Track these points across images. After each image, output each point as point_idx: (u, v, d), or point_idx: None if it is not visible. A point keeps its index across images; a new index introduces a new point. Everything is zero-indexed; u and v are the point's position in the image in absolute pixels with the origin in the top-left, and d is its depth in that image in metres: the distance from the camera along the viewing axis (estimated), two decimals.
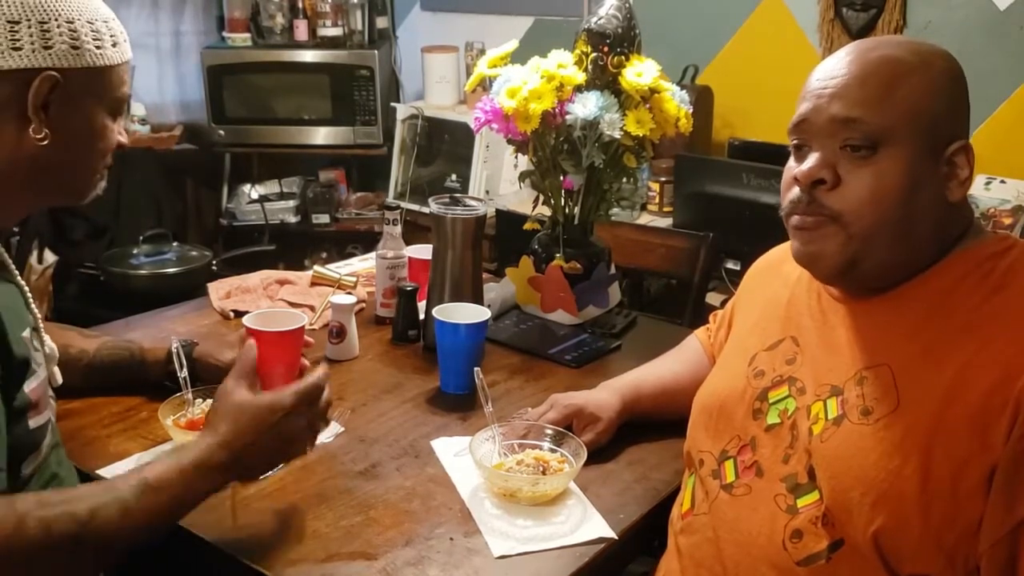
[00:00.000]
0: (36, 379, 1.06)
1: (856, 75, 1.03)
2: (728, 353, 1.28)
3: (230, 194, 3.78)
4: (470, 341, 1.55)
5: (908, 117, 1.02)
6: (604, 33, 1.73)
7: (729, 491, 1.12)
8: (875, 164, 1.02)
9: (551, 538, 1.16)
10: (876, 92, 1.02)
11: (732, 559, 1.08)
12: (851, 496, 0.99)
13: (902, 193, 1.02)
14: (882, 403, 1.01)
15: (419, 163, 3.53)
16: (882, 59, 1.04)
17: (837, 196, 1.04)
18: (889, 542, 0.97)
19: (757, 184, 2.59)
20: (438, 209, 1.68)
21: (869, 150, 1.02)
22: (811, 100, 1.06)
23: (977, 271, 1.03)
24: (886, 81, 1.02)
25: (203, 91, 3.62)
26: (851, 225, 1.03)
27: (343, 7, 3.62)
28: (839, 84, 1.04)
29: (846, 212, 1.03)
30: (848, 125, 1.02)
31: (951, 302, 1.03)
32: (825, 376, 1.09)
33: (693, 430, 1.23)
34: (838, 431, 1.03)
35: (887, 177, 1.02)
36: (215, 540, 1.14)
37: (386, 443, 1.38)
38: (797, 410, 1.10)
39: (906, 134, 1.01)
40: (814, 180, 1.04)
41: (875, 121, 1.01)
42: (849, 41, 1.27)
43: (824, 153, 1.04)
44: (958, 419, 0.95)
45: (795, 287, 1.21)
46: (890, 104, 1.02)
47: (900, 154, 1.02)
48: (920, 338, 1.02)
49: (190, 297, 2.02)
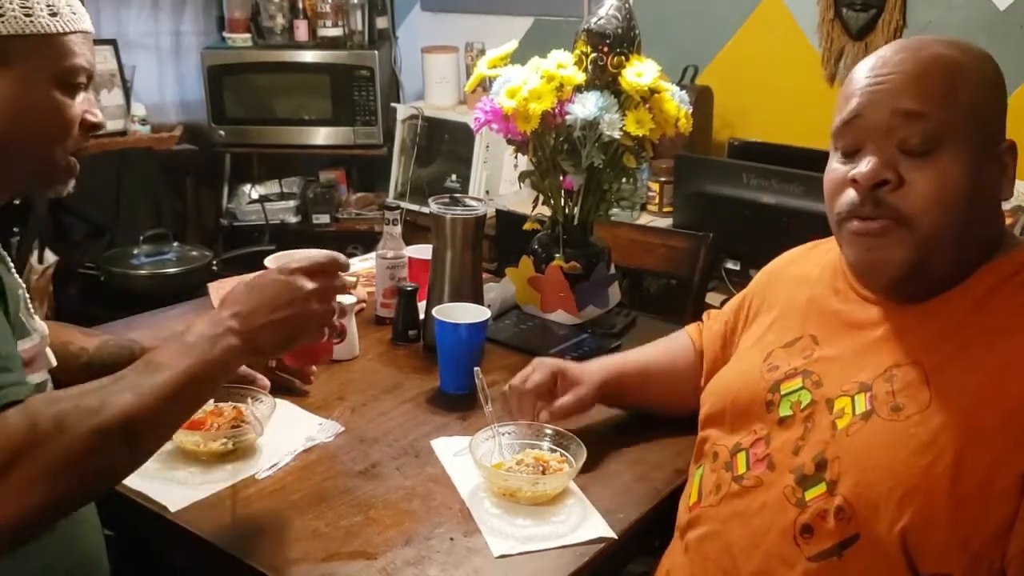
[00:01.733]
0: (30, 341, 1.07)
1: (913, 71, 1.02)
2: (744, 348, 1.28)
3: (230, 194, 3.78)
4: (470, 341, 1.55)
5: (967, 115, 1.01)
6: (604, 33, 1.73)
7: (740, 483, 1.11)
8: (936, 163, 1.00)
9: (551, 538, 1.16)
10: (938, 88, 1.01)
11: (743, 553, 1.08)
12: (878, 491, 0.98)
13: (966, 193, 1.01)
14: (914, 400, 1.00)
15: (419, 163, 3.53)
16: (937, 56, 1.03)
17: (902, 197, 1.02)
18: (915, 540, 0.96)
19: (757, 184, 2.59)
20: (438, 209, 1.68)
21: (929, 150, 1.00)
22: (864, 96, 1.03)
23: (1016, 277, 1.03)
24: (946, 78, 1.01)
25: (203, 91, 3.62)
26: (919, 229, 1.01)
27: (343, 7, 3.62)
28: (895, 80, 1.02)
29: (914, 214, 1.01)
30: (909, 120, 1.00)
31: (989, 306, 1.02)
32: (854, 374, 1.07)
33: (706, 422, 1.23)
34: (866, 426, 1.02)
35: (951, 176, 1.00)
36: (215, 540, 1.14)
37: (386, 443, 1.38)
38: (813, 403, 1.09)
39: (966, 132, 1.00)
40: (878, 181, 1.02)
41: (939, 117, 1.00)
42: (849, 41, 1.27)
43: (882, 153, 1.02)
44: (993, 420, 0.95)
45: (815, 287, 1.20)
46: (952, 101, 1.00)
47: (960, 153, 1.00)
48: (955, 339, 1.02)
49: (190, 297, 2.02)
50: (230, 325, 1.04)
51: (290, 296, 1.08)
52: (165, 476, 1.26)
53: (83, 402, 0.94)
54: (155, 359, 1.00)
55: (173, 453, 1.31)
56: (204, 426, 1.31)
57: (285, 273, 1.10)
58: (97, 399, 0.94)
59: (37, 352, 1.09)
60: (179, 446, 1.30)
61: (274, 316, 1.06)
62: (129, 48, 3.56)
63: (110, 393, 0.95)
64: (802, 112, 2.89)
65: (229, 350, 1.03)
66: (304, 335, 1.10)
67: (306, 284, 1.09)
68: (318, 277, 1.11)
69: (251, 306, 1.06)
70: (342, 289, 1.15)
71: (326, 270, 1.12)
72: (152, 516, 1.18)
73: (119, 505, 1.21)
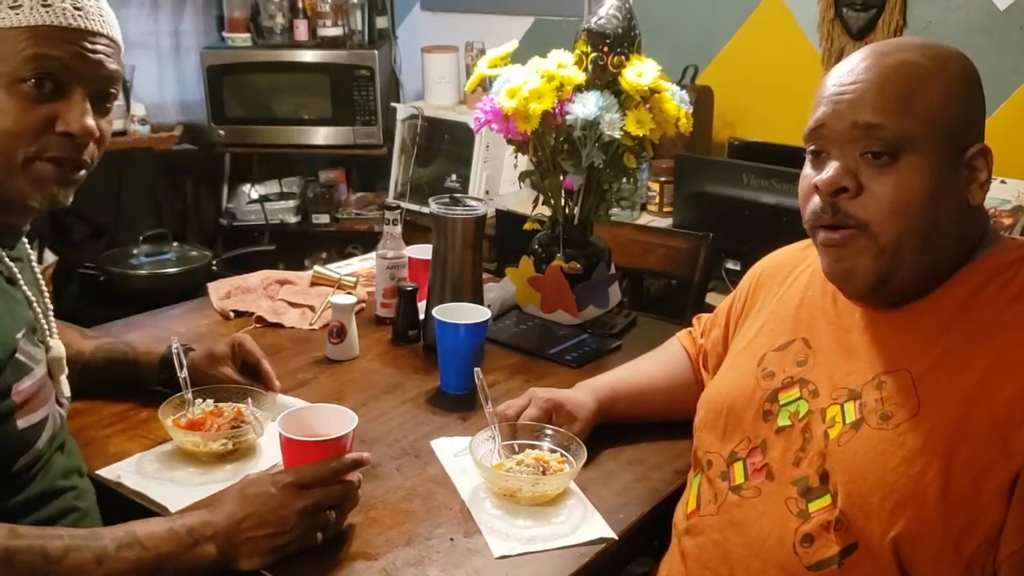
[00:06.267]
0: (31, 378, 1.05)
1: (875, 81, 1.02)
2: (736, 354, 1.27)
3: (230, 194, 3.78)
4: (470, 341, 1.55)
5: (928, 123, 1.00)
6: (604, 33, 1.73)
7: (738, 493, 1.11)
8: (897, 172, 1.01)
9: (551, 538, 1.16)
10: (896, 98, 1.01)
11: (740, 562, 1.08)
12: (870, 501, 0.98)
13: (926, 200, 1.01)
14: (902, 408, 1.00)
15: (419, 163, 3.53)
16: (900, 64, 1.03)
17: (860, 205, 1.02)
18: (908, 547, 0.96)
19: (757, 184, 2.59)
20: (438, 209, 1.68)
21: (890, 157, 1.01)
22: (828, 105, 1.05)
23: (999, 278, 1.03)
24: (905, 87, 1.01)
25: (203, 91, 3.62)
26: (880, 236, 1.02)
27: (343, 7, 3.62)
28: (858, 90, 1.02)
29: (872, 222, 1.02)
30: (869, 131, 1.01)
31: (973, 308, 1.02)
32: (841, 380, 1.08)
33: (700, 430, 1.23)
34: (856, 435, 1.02)
35: (910, 185, 1.01)
36: None
37: (386, 443, 1.38)
38: (810, 413, 1.09)
39: (927, 140, 1.00)
40: (836, 188, 1.03)
41: (896, 128, 1.00)
42: (849, 41, 1.28)
43: (844, 160, 1.03)
44: (980, 425, 0.95)
45: (807, 289, 1.20)
46: (910, 111, 1.00)
47: (922, 161, 1.00)
48: (941, 343, 1.02)
49: (190, 297, 2.02)
50: (212, 534, 1.03)
51: (276, 516, 1.06)
52: (165, 476, 1.26)
53: (45, 544, 0.94)
54: (138, 534, 1.00)
55: (173, 453, 1.31)
56: (204, 426, 1.31)
57: (278, 487, 1.08)
58: (60, 548, 0.95)
59: (38, 387, 1.06)
60: (179, 446, 1.30)
61: (257, 532, 1.05)
62: (129, 48, 3.52)
63: (76, 548, 0.96)
64: (802, 112, 2.86)
65: (203, 556, 1.03)
66: (289, 548, 1.08)
67: (296, 503, 1.08)
68: (313, 492, 1.09)
69: (237, 518, 1.05)
70: (342, 495, 1.12)
71: (324, 481, 1.11)
72: (153, 516, 1.18)
73: (120, 505, 1.21)
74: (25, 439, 1.05)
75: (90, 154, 1.08)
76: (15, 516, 1.04)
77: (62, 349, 1.16)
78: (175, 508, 1.18)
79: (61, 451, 1.15)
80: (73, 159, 1.05)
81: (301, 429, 1.19)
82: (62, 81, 1.03)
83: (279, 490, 1.08)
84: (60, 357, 1.15)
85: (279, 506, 1.07)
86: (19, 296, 1.11)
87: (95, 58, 1.05)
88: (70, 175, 1.07)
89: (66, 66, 1.02)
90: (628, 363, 1.52)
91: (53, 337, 1.16)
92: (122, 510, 1.20)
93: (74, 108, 1.03)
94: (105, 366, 1.44)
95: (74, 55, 1.03)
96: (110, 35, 1.08)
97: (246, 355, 1.47)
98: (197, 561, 1.02)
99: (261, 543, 1.06)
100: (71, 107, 1.03)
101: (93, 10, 1.05)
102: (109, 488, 1.24)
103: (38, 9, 1.00)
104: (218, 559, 1.04)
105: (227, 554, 1.04)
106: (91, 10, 1.05)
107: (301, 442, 1.17)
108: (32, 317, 1.11)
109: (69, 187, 1.08)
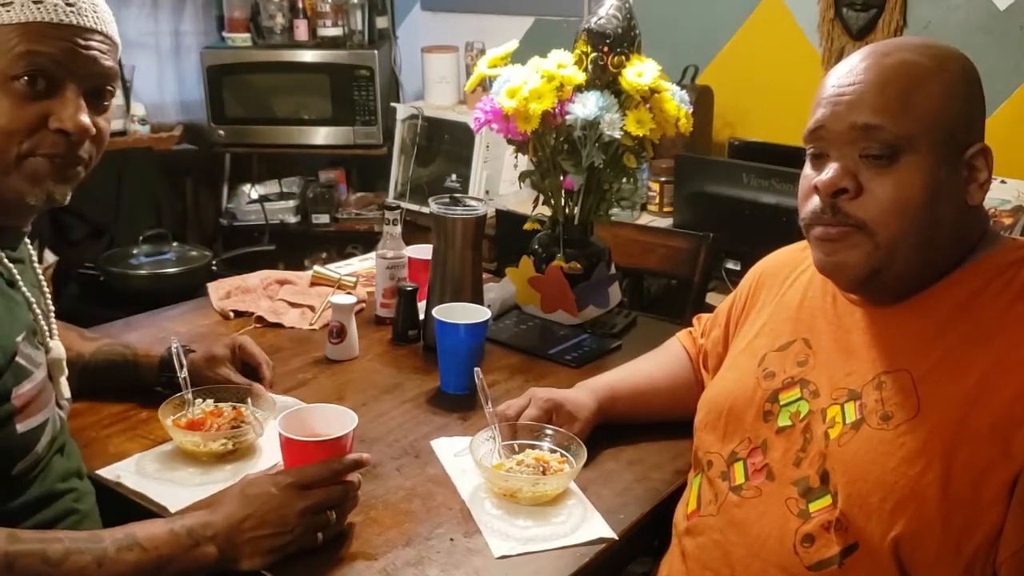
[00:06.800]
0: (30, 381, 1.05)
1: (874, 82, 1.02)
2: (736, 354, 1.27)
3: (230, 194, 3.78)
4: (470, 341, 1.55)
5: (928, 124, 1.00)
6: (604, 33, 1.73)
7: (738, 493, 1.12)
8: (896, 172, 1.01)
9: (551, 538, 1.16)
10: (896, 99, 1.01)
11: (741, 562, 1.08)
12: (870, 501, 0.98)
13: (925, 200, 1.01)
14: (902, 408, 1.00)
15: (419, 163, 3.53)
16: (900, 64, 1.03)
17: (860, 205, 1.03)
18: (908, 548, 0.96)
19: (757, 184, 2.59)
20: (438, 209, 1.68)
21: (889, 158, 1.01)
22: (827, 107, 1.05)
23: (999, 279, 1.03)
24: (905, 87, 1.01)
25: (203, 91, 3.62)
26: (877, 234, 1.02)
27: (343, 7, 3.62)
28: (857, 91, 1.03)
29: (871, 221, 1.02)
30: (868, 133, 1.01)
31: (973, 309, 1.02)
32: (842, 380, 1.08)
33: (701, 430, 1.23)
34: (857, 435, 1.02)
35: (909, 185, 1.01)
36: None
37: (386, 443, 1.38)
38: (811, 413, 1.09)
39: (926, 141, 1.01)
40: (836, 189, 1.03)
41: (895, 129, 1.00)
42: (849, 41, 1.28)
43: (844, 161, 1.03)
44: (980, 426, 0.95)
45: (807, 289, 1.20)
46: (910, 111, 1.00)
47: (921, 161, 1.01)
48: (941, 344, 1.02)
49: (190, 297, 2.02)
50: (212, 535, 1.04)
51: (277, 516, 1.07)
52: (165, 476, 1.26)
53: (45, 549, 0.95)
54: (137, 536, 1.00)
55: (173, 453, 1.31)
56: (204, 426, 1.31)
57: (279, 487, 1.08)
58: (60, 552, 0.95)
59: (38, 391, 1.06)
60: (179, 446, 1.30)
61: (257, 533, 1.06)
62: (129, 48, 3.52)
63: (76, 551, 0.96)
64: (802, 112, 2.86)
65: (203, 557, 1.03)
66: (289, 548, 1.08)
67: (296, 503, 1.08)
68: (314, 492, 1.10)
69: (238, 518, 1.06)
70: (343, 495, 1.12)
71: (324, 482, 1.11)
72: (152, 516, 1.18)
73: (120, 505, 1.21)
74: (25, 443, 1.05)
75: (88, 152, 1.07)
76: (14, 520, 1.04)
77: (62, 350, 1.16)
78: (175, 508, 1.18)
79: (61, 454, 1.15)
80: (68, 155, 1.05)
81: (301, 429, 1.20)
82: (55, 78, 1.02)
83: (279, 490, 1.08)
84: (60, 358, 1.15)
85: (279, 506, 1.07)
86: (19, 298, 1.10)
87: (88, 54, 1.04)
88: (66, 171, 1.06)
89: (58, 63, 1.01)
90: (628, 363, 1.52)
91: (53, 338, 1.16)
92: (122, 510, 1.20)
93: (68, 105, 1.02)
94: (105, 368, 1.44)
95: (66, 51, 1.02)
96: (105, 31, 1.06)
97: (247, 358, 1.47)
98: (197, 562, 1.03)
99: (261, 543, 1.06)
100: (64, 104, 1.02)
101: (86, 6, 1.04)
102: (109, 488, 1.24)
103: (29, 6, 0.99)
104: (218, 560, 1.04)
105: (227, 555, 1.05)
106: (84, 6, 1.03)
107: (301, 442, 1.17)
108: (32, 319, 1.11)
109: (66, 184, 1.07)
